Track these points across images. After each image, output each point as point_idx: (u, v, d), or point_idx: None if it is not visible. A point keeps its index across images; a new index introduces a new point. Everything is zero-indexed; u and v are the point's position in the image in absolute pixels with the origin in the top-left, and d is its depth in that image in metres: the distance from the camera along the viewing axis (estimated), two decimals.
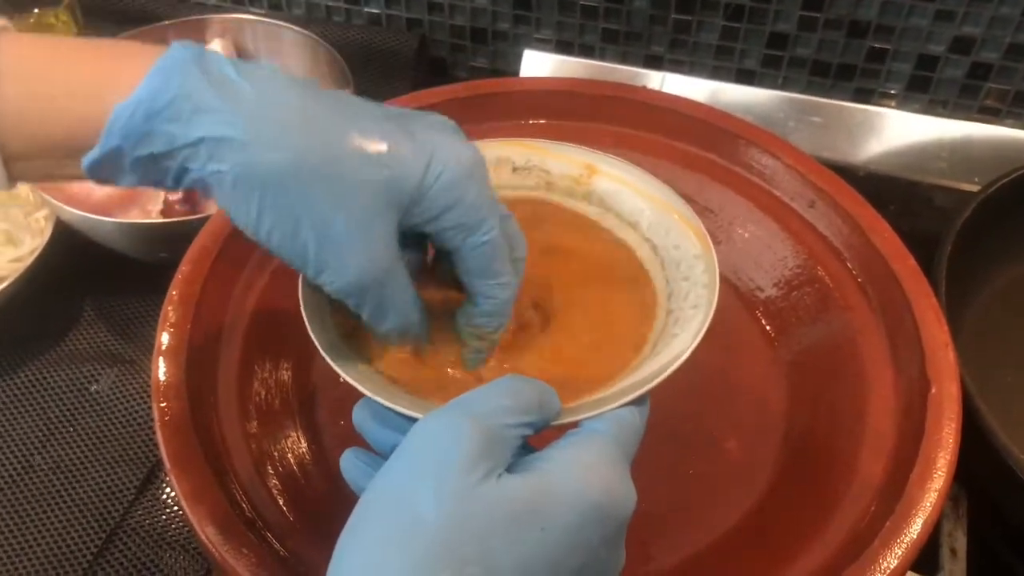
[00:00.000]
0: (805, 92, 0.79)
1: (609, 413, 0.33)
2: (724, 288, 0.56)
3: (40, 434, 0.60)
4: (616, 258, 0.42)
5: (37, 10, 0.79)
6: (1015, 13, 0.68)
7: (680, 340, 0.36)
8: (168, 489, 0.58)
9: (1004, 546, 0.56)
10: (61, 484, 0.57)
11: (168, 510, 0.57)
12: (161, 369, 0.47)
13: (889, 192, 0.74)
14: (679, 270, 0.40)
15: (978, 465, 0.49)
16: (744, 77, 0.80)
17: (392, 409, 0.33)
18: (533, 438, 0.32)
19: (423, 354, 0.38)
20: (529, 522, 0.28)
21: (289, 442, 0.49)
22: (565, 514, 0.28)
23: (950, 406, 0.44)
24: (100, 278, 0.70)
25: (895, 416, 0.46)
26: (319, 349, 0.35)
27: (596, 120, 0.61)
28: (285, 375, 0.52)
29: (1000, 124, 0.75)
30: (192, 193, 0.70)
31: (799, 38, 0.75)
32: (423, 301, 0.37)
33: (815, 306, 0.53)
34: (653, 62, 0.82)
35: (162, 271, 0.53)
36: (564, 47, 0.83)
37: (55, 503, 0.56)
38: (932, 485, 0.41)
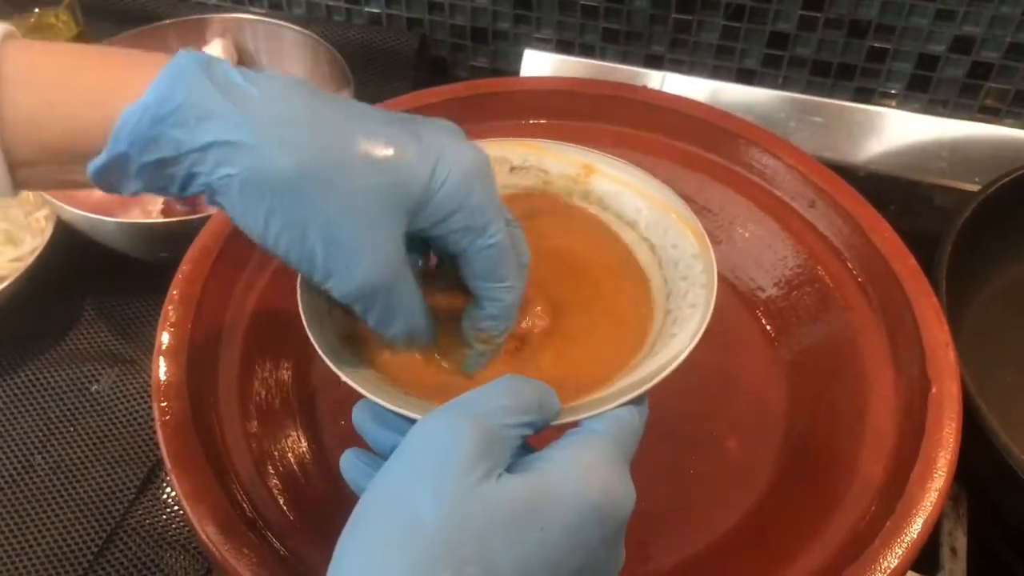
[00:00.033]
0: (805, 92, 0.79)
1: (608, 413, 0.33)
2: (724, 288, 0.56)
3: (40, 434, 0.60)
4: (614, 258, 0.42)
5: (37, 10, 0.79)
6: (1015, 12, 0.68)
7: (678, 340, 0.36)
8: (168, 489, 0.58)
9: (1004, 546, 0.56)
10: (62, 484, 0.57)
11: (169, 510, 0.57)
12: (162, 369, 0.47)
13: (889, 192, 0.74)
14: (677, 269, 0.40)
15: (978, 465, 0.48)
16: (744, 77, 0.80)
17: (391, 410, 0.33)
18: (533, 438, 0.32)
19: (425, 357, 0.38)
20: (528, 522, 0.28)
21: (289, 442, 0.49)
22: (564, 514, 0.28)
23: (950, 406, 0.44)
24: (101, 278, 0.70)
25: (895, 416, 0.46)
26: (318, 351, 0.35)
27: (596, 120, 0.61)
28: (285, 375, 0.52)
29: (1000, 124, 0.75)
30: None
31: (799, 38, 0.75)
32: (429, 306, 0.37)
33: (815, 306, 0.53)
34: (653, 62, 0.82)
35: (163, 271, 0.53)
36: (564, 47, 0.83)
37: (55, 503, 0.56)
38: (932, 485, 0.41)
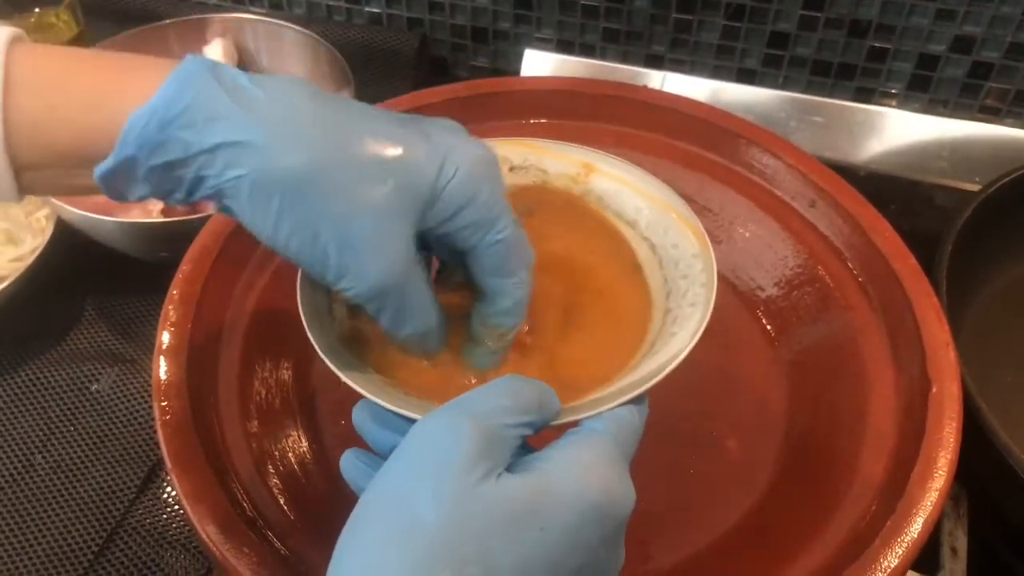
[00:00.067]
0: (806, 91, 0.79)
1: (608, 413, 0.33)
2: (724, 287, 0.56)
3: (41, 433, 0.60)
4: (614, 257, 0.42)
5: (38, 9, 0.79)
6: (1016, 12, 0.68)
7: (678, 339, 0.36)
8: (169, 488, 0.58)
9: (1004, 545, 0.56)
10: (62, 483, 0.57)
11: (169, 509, 0.57)
12: (162, 368, 0.47)
13: (890, 192, 0.74)
14: (677, 269, 0.40)
15: (979, 464, 0.48)
16: (745, 76, 0.80)
17: (391, 410, 0.33)
18: (533, 438, 0.32)
19: (432, 360, 0.38)
20: (528, 522, 0.28)
21: (290, 441, 0.49)
22: (564, 514, 0.28)
23: (951, 405, 0.44)
24: (101, 277, 0.70)
25: (896, 415, 0.46)
26: (318, 352, 0.35)
27: (597, 119, 0.61)
28: (285, 374, 0.52)
29: (1001, 124, 0.75)
30: None
31: (800, 37, 0.75)
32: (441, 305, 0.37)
33: (816, 305, 0.53)
34: (654, 61, 0.82)
35: (163, 270, 0.53)
36: (565, 46, 0.83)
37: (56, 502, 0.56)
38: (933, 484, 0.41)
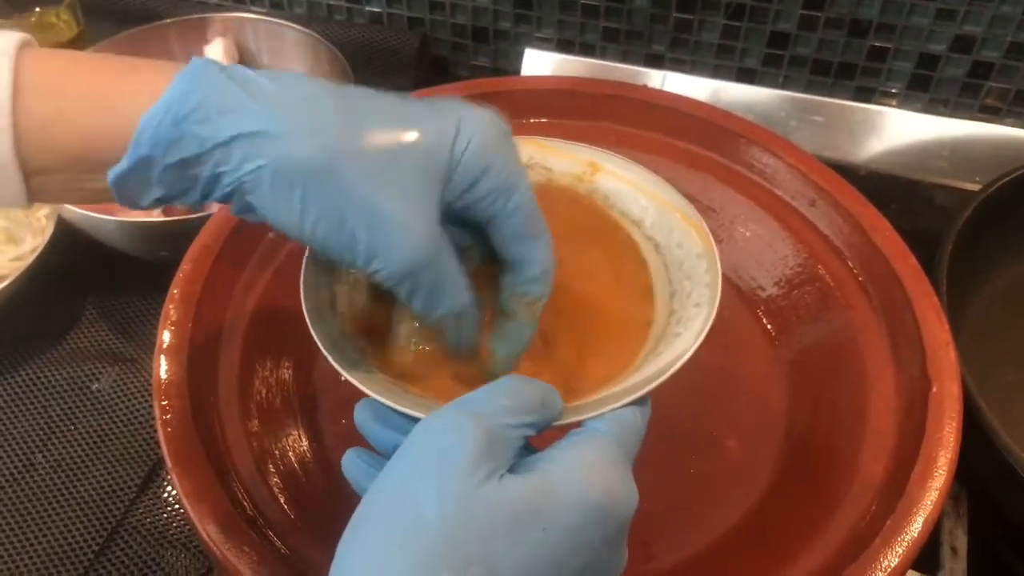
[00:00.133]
0: (806, 91, 0.79)
1: (611, 413, 0.33)
2: (725, 287, 0.55)
3: (41, 432, 0.60)
4: (618, 257, 0.42)
5: (38, 9, 0.79)
6: (1016, 12, 0.68)
7: (682, 339, 0.36)
8: (169, 487, 0.58)
9: (1004, 545, 0.56)
10: (62, 482, 0.57)
11: (169, 508, 0.57)
12: (162, 367, 0.47)
13: (890, 191, 0.74)
14: (682, 269, 0.40)
15: (979, 464, 0.49)
16: (745, 76, 0.80)
17: (394, 409, 0.33)
18: (535, 438, 0.32)
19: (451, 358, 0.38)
20: (531, 523, 0.28)
21: (290, 440, 0.49)
22: (567, 515, 0.28)
23: (951, 405, 0.44)
24: (101, 277, 0.70)
25: (896, 415, 0.46)
26: (321, 348, 0.35)
27: (597, 119, 0.61)
28: (286, 373, 0.52)
29: (1001, 123, 0.75)
30: None
31: (800, 37, 0.75)
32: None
33: (816, 305, 0.53)
34: (654, 61, 0.82)
35: (163, 270, 0.53)
36: (565, 46, 0.83)
37: (56, 502, 0.56)
38: (933, 484, 0.41)
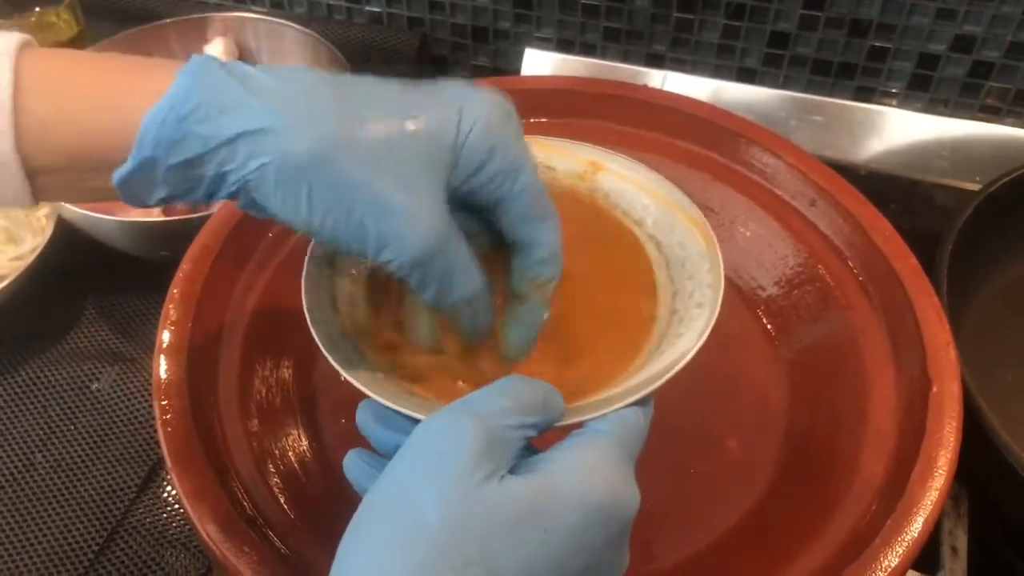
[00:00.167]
0: (806, 91, 0.79)
1: (613, 414, 0.33)
2: (725, 286, 0.56)
3: (41, 432, 0.60)
4: (620, 257, 0.42)
5: (38, 9, 0.79)
6: (1016, 12, 0.68)
7: (685, 340, 0.36)
8: (169, 487, 0.58)
9: (1004, 545, 0.56)
10: (62, 482, 0.57)
11: (169, 508, 0.57)
12: (162, 367, 0.47)
13: (890, 191, 0.74)
14: (684, 269, 0.40)
15: (979, 464, 0.48)
16: (745, 76, 0.80)
17: (394, 410, 0.33)
18: (536, 439, 0.32)
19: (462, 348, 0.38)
20: (532, 523, 0.28)
21: (290, 440, 0.49)
22: (569, 516, 0.28)
23: (951, 405, 0.44)
24: (101, 276, 0.70)
25: (896, 415, 0.46)
26: (321, 348, 0.35)
27: (597, 119, 0.61)
28: (286, 373, 0.52)
29: (1001, 123, 0.75)
30: None
31: (800, 37, 0.75)
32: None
33: (816, 305, 0.53)
34: (654, 61, 0.82)
35: (163, 269, 0.53)
36: (565, 46, 0.83)
37: (56, 501, 0.56)
38: (933, 484, 0.41)
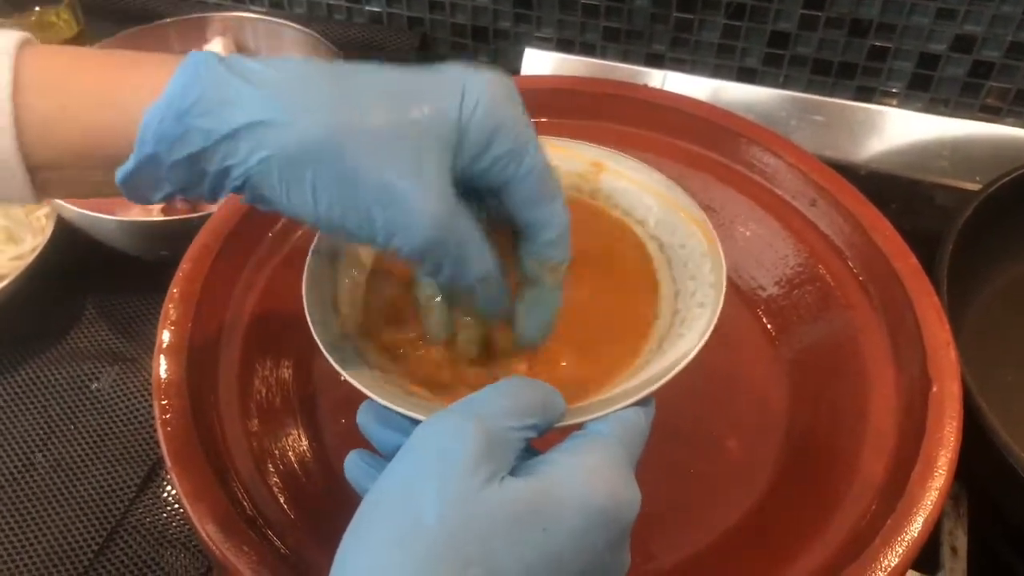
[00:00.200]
0: (806, 91, 0.79)
1: (613, 415, 0.32)
2: (726, 286, 0.56)
3: (41, 432, 0.60)
4: (622, 256, 0.42)
5: (38, 8, 0.79)
6: (1016, 12, 0.68)
7: (686, 340, 0.36)
8: (169, 487, 0.58)
9: (1004, 545, 0.56)
10: (62, 482, 0.57)
11: (169, 508, 0.57)
12: (162, 367, 0.47)
13: (890, 191, 0.74)
14: (686, 269, 0.40)
15: (979, 464, 0.48)
16: (745, 75, 0.80)
17: (395, 411, 0.33)
18: (537, 440, 0.31)
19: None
20: (531, 523, 0.28)
21: (290, 440, 0.49)
22: (570, 518, 0.28)
23: (951, 405, 0.43)
24: (101, 276, 0.70)
25: (896, 415, 0.46)
26: (322, 349, 0.35)
27: (598, 118, 0.61)
28: (286, 373, 0.52)
29: (1001, 123, 0.75)
30: None
31: (800, 37, 0.75)
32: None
33: (816, 304, 0.53)
34: (654, 60, 0.81)
35: (163, 269, 0.53)
36: (565, 45, 0.83)
37: (56, 501, 0.56)
38: (933, 484, 0.41)
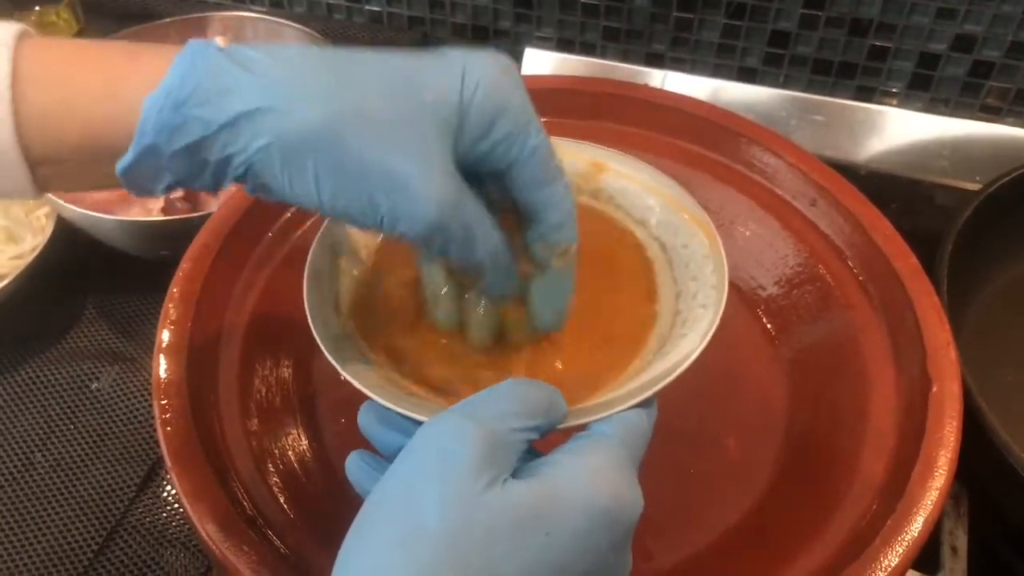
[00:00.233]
0: (807, 90, 0.79)
1: (616, 416, 0.32)
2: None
3: (41, 432, 0.60)
4: (624, 257, 0.42)
5: (38, 8, 0.79)
6: (1016, 11, 0.68)
7: (688, 341, 0.36)
8: (169, 487, 0.58)
9: (1004, 544, 0.56)
10: (62, 482, 0.57)
11: (169, 508, 0.57)
12: (162, 367, 0.47)
13: (890, 191, 0.74)
14: (688, 270, 0.40)
15: (979, 463, 0.48)
16: (746, 75, 0.80)
17: (396, 411, 0.33)
18: (539, 441, 0.31)
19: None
20: (533, 527, 0.28)
21: (290, 440, 0.49)
22: (574, 519, 0.28)
23: (951, 404, 0.43)
24: (101, 276, 0.70)
25: (896, 415, 0.46)
26: (323, 349, 0.35)
27: (598, 118, 0.61)
28: (286, 372, 0.52)
29: (1001, 123, 0.75)
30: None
31: (800, 36, 0.75)
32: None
33: (816, 304, 0.53)
34: (655, 60, 0.81)
35: (163, 269, 0.53)
36: (565, 45, 0.83)
37: (56, 501, 0.56)
38: (933, 483, 0.41)
